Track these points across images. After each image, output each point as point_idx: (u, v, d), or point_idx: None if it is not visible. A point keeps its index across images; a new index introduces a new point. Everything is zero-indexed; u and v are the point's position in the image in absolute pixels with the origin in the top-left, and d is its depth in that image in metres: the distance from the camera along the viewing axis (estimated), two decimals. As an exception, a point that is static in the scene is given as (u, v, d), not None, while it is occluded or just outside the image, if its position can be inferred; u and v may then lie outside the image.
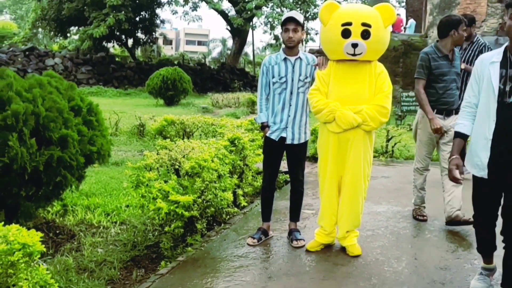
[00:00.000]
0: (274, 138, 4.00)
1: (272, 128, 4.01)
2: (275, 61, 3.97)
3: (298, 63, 3.94)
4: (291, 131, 3.98)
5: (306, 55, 4.02)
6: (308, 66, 3.95)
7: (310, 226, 4.44)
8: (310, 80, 3.96)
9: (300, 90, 3.94)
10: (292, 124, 3.97)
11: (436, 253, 3.85)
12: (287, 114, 3.96)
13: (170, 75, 17.96)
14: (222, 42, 57.10)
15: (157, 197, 3.83)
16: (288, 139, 4.00)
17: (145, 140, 9.37)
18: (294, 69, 3.92)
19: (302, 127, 4.02)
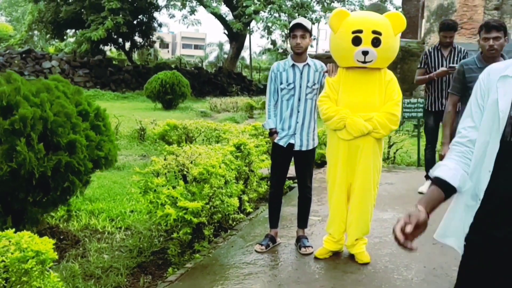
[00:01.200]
0: (283, 144, 3.98)
1: (280, 134, 3.99)
2: (283, 68, 3.96)
3: (306, 69, 3.93)
4: (299, 138, 3.97)
5: (315, 62, 4.01)
6: (316, 73, 3.94)
7: (317, 233, 4.42)
8: (318, 87, 3.96)
9: (308, 96, 3.94)
10: (300, 131, 3.96)
11: (444, 260, 3.83)
12: (295, 120, 3.95)
13: (168, 79, 17.93)
14: (219, 46, 57.12)
15: (166, 203, 3.80)
16: (297, 146, 3.99)
17: (146, 145, 9.34)
18: (302, 75, 3.91)
19: (310, 133, 4.01)
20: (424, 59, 5.81)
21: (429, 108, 5.86)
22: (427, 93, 5.90)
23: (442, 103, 5.63)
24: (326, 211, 5.02)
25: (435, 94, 5.75)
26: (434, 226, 3.98)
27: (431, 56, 5.74)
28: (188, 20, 31.45)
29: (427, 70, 5.78)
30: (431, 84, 5.75)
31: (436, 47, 5.79)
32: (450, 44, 5.66)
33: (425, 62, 5.80)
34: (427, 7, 21.53)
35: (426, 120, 6.02)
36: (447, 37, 5.61)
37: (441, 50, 5.71)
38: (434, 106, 5.76)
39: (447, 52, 5.69)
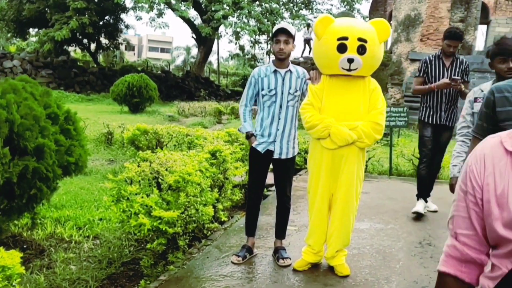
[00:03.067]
0: (260, 150, 3.86)
1: (259, 140, 3.88)
2: (264, 73, 3.83)
3: (288, 76, 3.82)
4: (279, 145, 3.86)
5: (297, 68, 3.90)
6: (298, 80, 3.83)
7: (294, 244, 4.31)
8: (300, 94, 3.85)
9: (289, 103, 3.82)
10: (280, 138, 3.85)
11: (424, 272, 3.78)
12: (275, 127, 3.83)
13: (135, 82, 17.59)
14: (186, 50, 56.71)
15: (139, 212, 3.62)
16: (276, 154, 3.87)
17: (113, 149, 9.06)
18: (284, 82, 3.79)
19: (290, 141, 3.90)
20: (424, 67, 5.35)
21: (426, 119, 5.38)
22: (424, 104, 5.40)
23: (441, 116, 5.28)
24: (302, 221, 4.93)
25: (433, 106, 5.31)
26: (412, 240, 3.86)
27: (432, 65, 5.30)
28: (156, 23, 31.00)
29: (427, 80, 5.34)
30: (430, 96, 5.32)
31: (438, 56, 5.32)
32: (452, 54, 5.24)
33: (424, 71, 5.35)
34: (395, 17, 21.89)
35: (422, 132, 5.43)
36: (451, 46, 5.16)
37: (442, 59, 5.28)
38: (432, 119, 5.32)
39: (449, 62, 5.26)
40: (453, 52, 5.20)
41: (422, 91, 5.37)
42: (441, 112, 5.27)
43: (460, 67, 5.22)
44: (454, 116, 5.32)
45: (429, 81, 5.30)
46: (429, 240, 4.54)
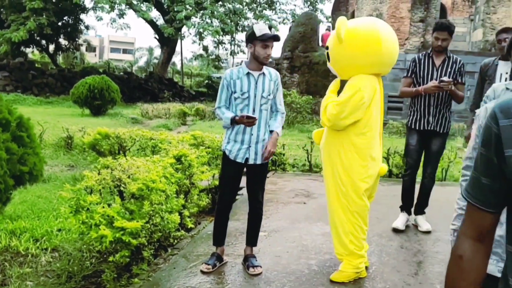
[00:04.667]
0: (240, 161, 3.70)
1: (233, 148, 3.71)
2: (237, 75, 3.67)
3: (261, 78, 3.67)
4: (254, 151, 3.70)
5: (270, 71, 3.75)
6: (271, 82, 3.70)
7: (265, 250, 4.16)
8: (272, 97, 3.73)
9: (263, 107, 3.68)
10: (255, 143, 3.69)
11: (399, 278, 3.70)
12: (249, 132, 3.68)
13: (97, 84, 17.12)
14: (149, 51, 55.92)
15: (100, 223, 3.40)
16: (251, 159, 3.71)
17: (73, 154, 8.72)
18: (257, 85, 3.65)
19: (265, 146, 3.74)
20: (412, 67, 4.78)
21: (412, 125, 4.82)
22: (412, 108, 4.86)
23: (428, 121, 4.72)
24: (272, 226, 4.81)
25: (421, 110, 4.73)
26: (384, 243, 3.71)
27: (421, 64, 4.72)
28: (117, 23, 30.41)
29: (415, 81, 4.76)
30: (417, 98, 4.74)
31: (428, 54, 4.74)
32: (443, 50, 4.64)
33: (412, 71, 4.77)
34: (357, 17, 22.09)
35: (408, 139, 4.88)
36: (439, 39, 4.58)
37: (432, 58, 4.70)
38: (419, 124, 4.75)
39: (440, 60, 4.68)
40: (442, 47, 4.61)
41: (409, 94, 4.83)
42: (429, 116, 4.69)
43: (453, 66, 4.67)
44: (445, 121, 4.73)
45: (417, 82, 4.74)
46: (402, 244, 4.48)
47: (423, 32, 21.10)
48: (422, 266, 3.92)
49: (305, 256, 4.03)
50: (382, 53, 3.49)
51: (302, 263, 3.88)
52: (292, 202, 5.82)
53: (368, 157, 3.54)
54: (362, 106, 3.44)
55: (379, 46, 3.45)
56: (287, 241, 4.39)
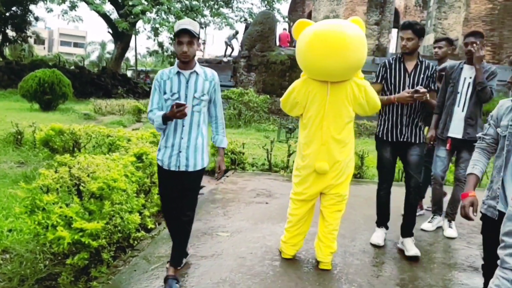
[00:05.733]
0: (174, 169, 3.36)
1: (165, 155, 3.38)
2: (167, 76, 3.38)
3: (193, 78, 3.35)
4: (184, 156, 3.35)
5: (205, 70, 3.44)
6: (206, 82, 3.38)
7: (228, 252, 4.07)
8: (208, 99, 3.41)
9: (195, 109, 3.35)
10: (186, 148, 3.35)
11: (363, 279, 3.71)
12: (179, 136, 3.35)
13: (47, 78, 16.51)
14: (101, 45, 54.69)
15: (58, 224, 3.23)
16: (182, 165, 3.35)
17: (23, 150, 8.32)
18: (188, 84, 3.34)
19: (198, 151, 3.38)
20: (382, 72, 4.33)
21: (384, 136, 4.36)
22: (382, 117, 4.39)
23: (401, 132, 4.27)
24: (235, 226, 4.73)
25: (392, 120, 4.30)
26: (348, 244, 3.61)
27: (391, 69, 4.27)
28: (68, 16, 29.41)
29: (385, 87, 4.32)
30: (389, 107, 4.30)
31: (399, 58, 4.29)
32: (410, 52, 4.19)
33: (382, 76, 4.33)
34: (314, 18, 22.30)
35: (381, 152, 4.43)
36: (404, 39, 4.18)
37: (404, 63, 4.26)
38: (391, 135, 4.31)
39: (412, 66, 4.24)
40: (407, 48, 4.17)
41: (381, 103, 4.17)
42: (402, 126, 4.27)
43: (425, 72, 4.24)
44: (419, 130, 4.32)
45: (387, 89, 4.31)
46: (362, 243, 4.50)
47: (378, 35, 21.55)
48: (385, 267, 3.94)
49: (269, 258, 3.97)
50: (306, 59, 3.60)
51: (266, 265, 3.82)
52: (254, 202, 5.76)
53: (303, 151, 3.78)
54: (297, 104, 3.75)
55: (305, 53, 3.58)
56: (250, 242, 4.32)
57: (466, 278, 3.76)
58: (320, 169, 3.68)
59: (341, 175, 3.73)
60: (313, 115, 3.67)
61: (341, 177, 3.74)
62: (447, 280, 3.67)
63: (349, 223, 5.01)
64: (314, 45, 3.45)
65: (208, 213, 5.15)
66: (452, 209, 4.85)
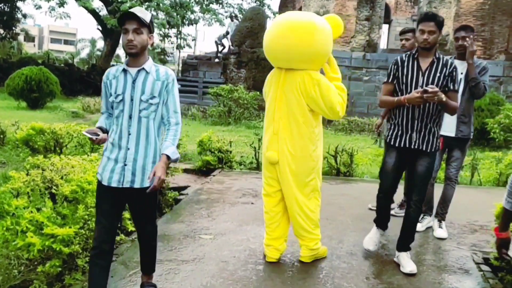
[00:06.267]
0: (116, 185, 2.83)
1: (106, 168, 2.86)
2: (113, 75, 2.89)
3: (141, 77, 2.84)
4: (130, 171, 2.82)
5: (158, 68, 2.91)
6: (156, 82, 2.85)
7: (210, 256, 3.92)
8: (159, 102, 2.88)
9: (143, 114, 2.84)
10: (133, 161, 2.83)
11: (350, 282, 3.57)
12: (125, 146, 2.83)
13: (34, 75, 16.28)
14: (91, 42, 54.25)
15: (28, 230, 3.07)
16: (126, 182, 2.83)
17: (5, 150, 8.12)
18: (135, 84, 2.82)
19: (148, 164, 2.86)
20: (394, 70, 3.86)
21: (391, 141, 3.90)
22: (392, 121, 3.94)
23: (411, 138, 3.79)
24: (219, 228, 4.59)
25: (403, 124, 3.82)
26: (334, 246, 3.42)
27: (404, 67, 3.80)
28: (56, 12, 29.04)
29: (397, 87, 3.85)
30: (399, 110, 3.83)
31: (413, 55, 3.81)
32: (430, 47, 3.70)
33: (394, 75, 3.86)
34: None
35: (385, 157, 3.99)
36: (424, 32, 3.66)
37: (418, 60, 3.78)
38: (399, 140, 3.84)
39: (427, 63, 3.75)
40: (429, 43, 3.67)
41: (389, 104, 3.91)
42: (412, 132, 3.78)
43: (443, 70, 3.71)
44: (432, 138, 3.79)
45: (399, 89, 3.82)
46: (350, 244, 4.36)
47: (368, 30, 21.41)
48: (373, 270, 3.81)
49: (252, 261, 3.82)
50: (264, 43, 3.63)
51: (250, 269, 3.68)
52: (239, 203, 5.61)
53: (263, 139, 3.84)
54: (266, 93, 3.78)
55: (265, 37, 3.64)
56: (234, 245, 4.17)
57: (456, 281, 3.63)
58: (269, 158, 3.65)
59: (292, 171, 3.60)
60: (270, 103, 3.69)
61: (292, 173, 3.60)
62: (437, 283, 3.54)
63: (337, 224, 4.88)
64: (271, 28, 3.60)
65: (191, 215, 4.99)
66: (442, 209, 4.73)
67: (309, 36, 3.42)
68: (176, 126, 2.94)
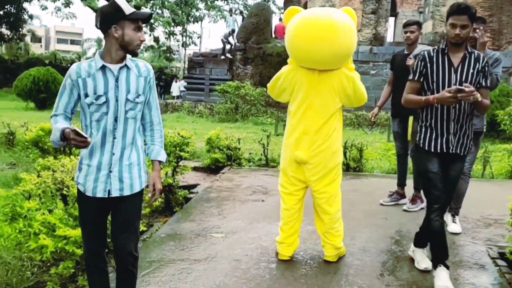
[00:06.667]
0: (102, 195, 2.53)
1: (88, 177, 2.54)
2: (87, 72, 2.50)
3: (124, 74, 2.55)
4: (117, 177, 2.55)
5: (137, 63, 2.63)
6: (139, 79, 2.59)
7: (222, 254, 3.90)
8: (143, 100, 2.63)
9: (129, 114, 2.56)
10: (119, 166, 2.56)
11: (364, 280, 3.54)
12: (109, 151, 2.53)
13: (42, 76, 16.38)
14: (97, 42, 54.45)
15: (40, 232, 3.07)
16: (114, 190, 2.55)
17: (15, 151, 8.17)
18: (118, 83, 2.52)
19: (134, 168, 2.61)
20: (421, 67, 3.48)
21: (426, 146, 3.49)
22: (423, 123, 3.52)
23: (448, 141, 3.42)
24: (230, 227, 4.57)
25: (437, 127, 3.44)
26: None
27: (433, 63, 3.43)
28: (62, 13, 29.18)
29: (426, 86, 3.48)
30: (431, 111, 3.45)
31: (442, 50, 3.45)
32: (461, 43, 3.35)
33: (421, 73, 3.48)
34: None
35: (425, 165, 3.50)
36: (457, 27, 3.29)
37: (448, 55, 3.42)
38: (435, 145, 3.45)
39: (458, 58, 3.40)
40: (462, 38, 3.32)
41: (416, 104, 3.53)
42: (449, 135, 3.42)
43: (476, 66, 3.39)
44: (467, 140, 3.47)
45: (428, 88, 3.46)
46: (362, 240, 4.33)
47: (375, 24, 21.29)
48: (388, 266, 3.77)
49: (265, 260, 3.80)
50: (294, 45, 3.49)
51: (262, 267, 3.65)
52: (249, 200, 5.58)
53: (286, 140, 3.76)
54: (284, 91, 3.67)
55: (293, 39, 3.48)
56: (246, 243, 4.15)
57: (472, 276, 3.59)
58: (298, 158, 3.61)
59: (322, 168, 3.61)
60: (298, 103, 3.61)
61: (322, 171, 3.62)
62: (453, 279, 3.49)
63: (348, 220, 4.83)
64: (302, 31, 3.41)
65: (202, 213, 4.98)
66: (455, 203, 4.68)
67: (348, 38, 3.40)
68: (160, 125, 2.78)
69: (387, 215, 5.10)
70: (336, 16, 3.40)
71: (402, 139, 5.44)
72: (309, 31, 3.37)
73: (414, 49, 5.24)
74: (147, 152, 2.73)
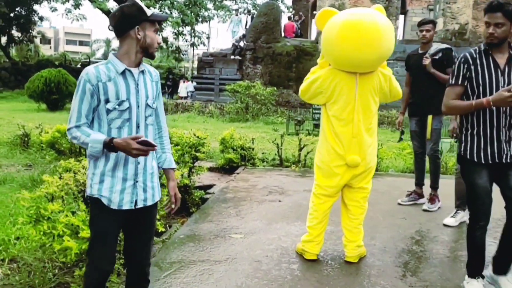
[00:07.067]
0: (129, 207, 2.41)
1: (113, 189, 2.37)
2: (107, 76, 2.34)
3: (142, 79, 2.44)
4: (142, 187, 2.44)
5: (148, 68, 2.53)
6: (153, 84, 2.51)
7: (243, 255, 3.90)
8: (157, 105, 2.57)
9: (148, 120, 2.47)
10: (143, 176, 2.45)
11: (386, 280, 3.52)
12: (134, 160, 2.40)
13: (53, 77, 16.49)
14: (106, 42, 54.74)
15: (64, 233, 3.08)
16: (140, 201, 2.44)
17: (31, 152, 8.22)
18: (138, 88, 2.41)
19: (154, 178, 2.53)
20: (464, 70, 3.18)
21: (474, 157, 3.19)
22: (469, 131, 3.23)
23: (500, 150, 3.13)
24: (249, 227, 4.56)
25: (486, 135, 3.15)
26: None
27: (476, 65, 3.15)
28: (72, 14, 29.29)
29: (470, 90, 3.18)
30: (478, 117, 3.16)
31: (485, 51, 3.18)
32: (501, 43, 3.10)
33: (464, 76, 3.18)
34: (319, 7, 21.99)
35: (473, 179, 3.20)
36: (490, 25, 3.07)
37: (492, 55, 3.15)
38: (485, 154, 3.16)
39: (504, 59, 3.14)
40: (497, 38, 3.07)
41: (464, 109, 3.19)
42: (499, 143, 3.13)
43: None
44: None
45: (472, 92, 3.17)
46: (382, 240, 4.31)
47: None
48: (410, 267, 3.75)
49: (286, 261, 3.79)
50: (337, 50, 3.39)
51: (283, 268, 3.65)
52: (266, 201, 5.58)
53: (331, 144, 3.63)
54: (320, 94, 3.60)
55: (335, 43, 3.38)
56: (265, 244, 4.15)
57: (495, 277, 3.56)
58: (352, 163, 3.58)
59: (370, 167, 3.69)
60: (341, 107, 3.54)
61: (369, 169, 3.70)
62: (475, 279, 3.46)
63: (367, 220, 4.77)
64: (347, 35, 3.27)
65: (220, 214, 4.98)
66: None
67: (390, 40, 3.38)
68: (167, 132, 2.70)
69: (406, 215, 5.08)
70: (379, 19, 3.31)
71: (420, 138, 5.42)
72: (354, 35, 3.23)
73: (429, 48, 5.23)
74: (159, 160, 2.62)
